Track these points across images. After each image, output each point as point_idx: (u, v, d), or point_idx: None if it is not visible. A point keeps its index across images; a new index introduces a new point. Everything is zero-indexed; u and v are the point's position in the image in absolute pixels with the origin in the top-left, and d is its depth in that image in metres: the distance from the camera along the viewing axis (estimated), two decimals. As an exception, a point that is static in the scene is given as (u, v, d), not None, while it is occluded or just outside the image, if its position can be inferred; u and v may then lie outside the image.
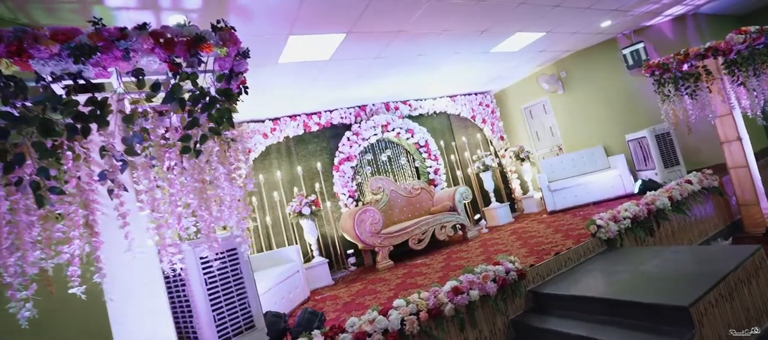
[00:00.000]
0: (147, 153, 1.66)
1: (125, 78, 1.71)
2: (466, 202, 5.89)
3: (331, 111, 6.24)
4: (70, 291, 1.45)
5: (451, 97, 7.38)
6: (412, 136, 6.66)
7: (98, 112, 1.49)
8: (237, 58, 1.80)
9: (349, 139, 6.16)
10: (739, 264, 2.65)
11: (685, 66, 4.76)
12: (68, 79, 1.50)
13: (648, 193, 4.69)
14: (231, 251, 2.42)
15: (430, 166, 6.74)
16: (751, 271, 2.75)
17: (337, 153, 6.09)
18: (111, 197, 1.49)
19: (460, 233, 5.84)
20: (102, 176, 1.48)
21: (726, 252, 3.19)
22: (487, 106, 7.79)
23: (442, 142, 7.03)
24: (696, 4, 5.73)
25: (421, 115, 6.99)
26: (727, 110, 4.65)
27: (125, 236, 1.48)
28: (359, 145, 6.23)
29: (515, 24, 4.74)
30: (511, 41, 5.26)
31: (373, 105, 6.56)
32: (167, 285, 2.39)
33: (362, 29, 3.84)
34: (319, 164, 5.99)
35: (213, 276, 2.35)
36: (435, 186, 6.64)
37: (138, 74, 1.59)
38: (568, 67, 6.89)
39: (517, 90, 7.83)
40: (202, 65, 1.72)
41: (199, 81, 1.74)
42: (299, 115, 6.03)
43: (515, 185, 7.57)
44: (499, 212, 6.43)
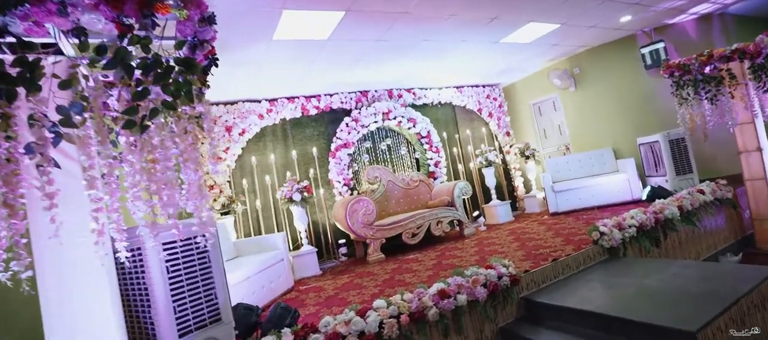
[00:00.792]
0: (95, 125, 1.46)
1: (73, 40, 1.49)
2: (465, 197, 5.67)
3: (331, 95, 6.00)
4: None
5: (457, 87, 7.09)
6: (414, 126, 6.41)
7: (28, 74, 1.28)
8: (201, 23, 1.59)
9: (347, 125, 5.93)
10: (753, 287, 2.42)
11: (708, 69, 4.46)
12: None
13: (656, 200, 4.45)
14: (210, 235, 2.22)
15: (431, 159, 6.50)
16: (767, 295, 2.51)
17: (334, 139, 5.87)
18: (40, 174, 1.30)
19: (457, 229, 5.63)
20: (28, 148, 1.29)
21: (738, 272, 2.96)
22: (495, 99, 7.50)
23: (444, 134, 6.78)
24: (725, 3, 5.36)
25: (425, 104, 6.73)
26: (748, 118, 4.35)
27: (51, 219, 1.29)
28: (358, 132, 6.00)
29: (528, 13, 4.44)
30: (523, 32, 4.97)
31: (376, 91, 6.31)
32: (125, 274, 2.22)
33: (362, 8, 3.58)
34: (315, 149, 5.78)
35: (176, 264, 2.17)
36: (434, 179, 6.41)
37: (79, 34, 1.38)
38: (582, 64, 6.57)
39: (526, 84, 7.53)
40: (158, 30, 1.50)
41: (154, 48, 1.52)
42: (297, 97, 5.80)
43: (518, 183, 7.32)
44: (499, 210, 6.20)
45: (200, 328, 2.20)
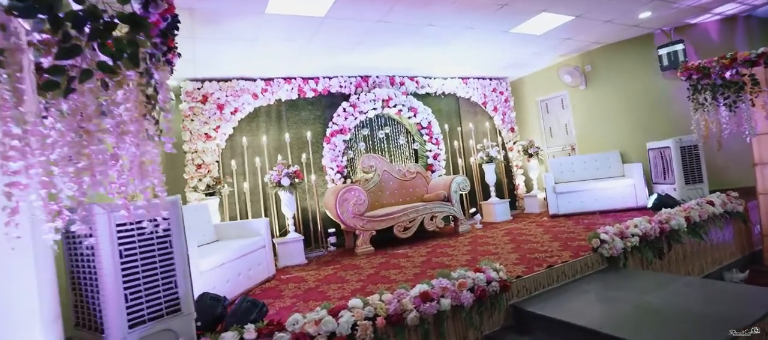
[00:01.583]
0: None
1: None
2: (463, 193, 5.45)
3: (329, 78, 5.76)
4: None
5: (462, 78, 6.82)
6: (415, 116, 6.17)
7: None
8: (151, -25, 1.36)
9: (345, 110, 5.70)
10: (766, 313, 2.20)
11: (728, 73, 4.17)
12: None
13: (663, 209, 4.22)
14: (161, 220, 2.03)
15: (430, 150, 6.27)
16: (777, 323, 2.29)
17: (330, 124, 5.65)
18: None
19: (452, 225, 5.43)
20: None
21: (747, 294, 2.74)
22: (501, 93, 7.22)
23: (446, 126, 6.53)
24: (753, 3, 5.02)
25: (427, 94, 6.47)
26: (768, 128, 4.07)
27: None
28: (356, 118, 5.77)
29: (541, 1, 4.16)
30: (535, 22, 4.68)
31: (377, 77, 6.06)
32: (76, 255, 2.04)
33: (360, -17, 3.33)
34: (309, 133, 5.57)
35: (132, 248, 1.98)
36: (432, 172, 6.19)
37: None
38: (595, 61, 6.27)
39: (535, 80, 7.23)
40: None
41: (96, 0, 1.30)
42: (294, 78, 5.57)
43: (519, 181, 7.08)
44: (497, 208, 5.98)
45: (155, 319, 2.03)
